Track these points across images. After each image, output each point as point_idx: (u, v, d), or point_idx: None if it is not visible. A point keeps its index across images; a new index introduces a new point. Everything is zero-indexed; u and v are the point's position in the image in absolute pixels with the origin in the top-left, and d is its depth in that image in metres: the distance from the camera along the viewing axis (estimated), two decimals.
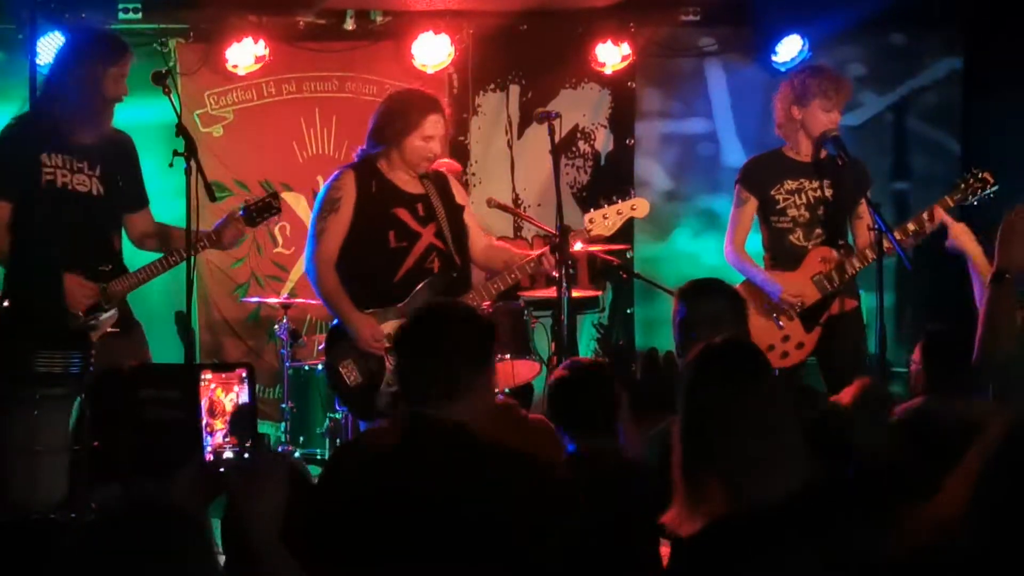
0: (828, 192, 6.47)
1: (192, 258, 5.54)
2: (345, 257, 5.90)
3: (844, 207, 6.47)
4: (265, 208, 6.18)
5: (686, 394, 3.02)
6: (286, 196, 6.38)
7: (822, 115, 6.41)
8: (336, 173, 6.04)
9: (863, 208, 6.35)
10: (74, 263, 5.82)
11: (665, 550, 3.92)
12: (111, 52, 5.85)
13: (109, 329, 5.90)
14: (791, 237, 6.49)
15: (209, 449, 3.48)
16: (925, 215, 6.31)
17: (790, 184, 6.49)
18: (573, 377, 4.43)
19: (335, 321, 6.00)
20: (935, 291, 8.45)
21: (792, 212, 6.48)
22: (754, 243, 6.68)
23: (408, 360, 3.51)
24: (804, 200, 6.48)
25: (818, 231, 6.48)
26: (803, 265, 6.45)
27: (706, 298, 4.51)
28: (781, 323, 6.41)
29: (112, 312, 5.90)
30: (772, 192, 6.49)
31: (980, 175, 6.39)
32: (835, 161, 6.36)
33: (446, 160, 7.80)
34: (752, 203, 6.54)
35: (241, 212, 6.15)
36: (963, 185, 6.39)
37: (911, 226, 6.30)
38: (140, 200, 6.15)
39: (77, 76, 5.83)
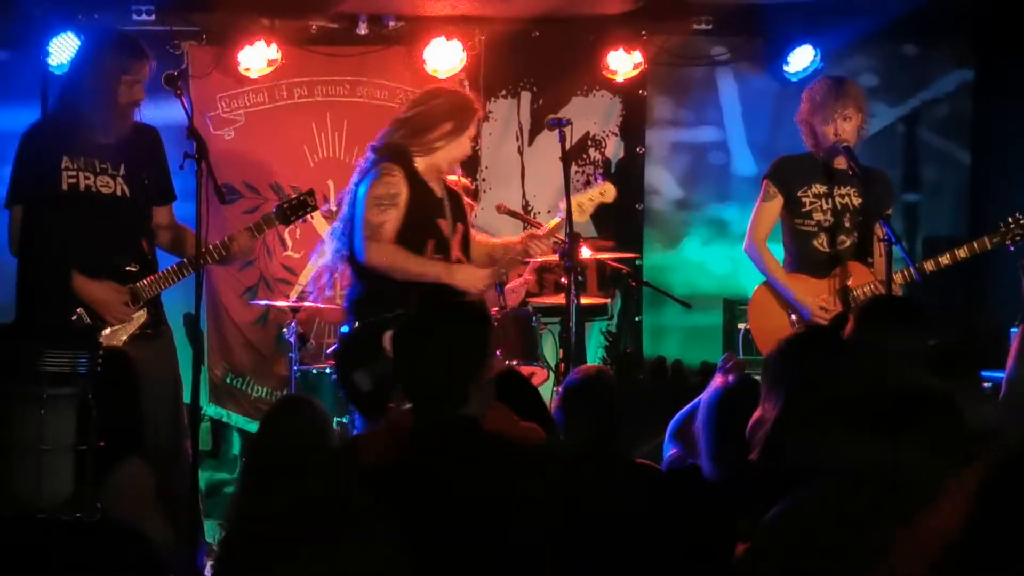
0: (856, 200, 6.47)
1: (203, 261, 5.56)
2: None
3: (869, 218, 6.46)
4: (300, 206, 6.23)
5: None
6: None
7: (826, 128, 6.42)
8: (381, 163, 5.94)
9: (877, 224, 6.38)
10: (100, 265, 5.83)
11: None
12: (125, 58, 5.85)
13: (137, 331, 5.93)
14: (815, 242, 6.48)
15: None
16: (960, 251, 6.37)
17: (818, 188, 6.49)
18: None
19: (344, 328, 5.99)
20: (943, 305, 8.43)
21: (818, 216, 6.47)
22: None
23: (411, 365, 3.51)
24: (831, 205, 6.47)
25: (842, 238, 6.47)
26: (833, 274, 6.44)
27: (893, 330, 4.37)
28: (796, 326, 6.41)
29: (140, 313, 5.92)
30: (799, 193, 6.49)
31: (1022, 220, 6.40)
32: (853, 168, 6.38)
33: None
34: (778, 200, 6.53)
35: (274, 211, 6.19)
36: (1003, 228, 6.41)
37: (944, 260, 6.36)
38: (165, 195, 6.15)
39: (91, 82, 5.83)
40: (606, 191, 6.22)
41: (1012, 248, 6.43)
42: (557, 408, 4.51)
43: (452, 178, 6.70)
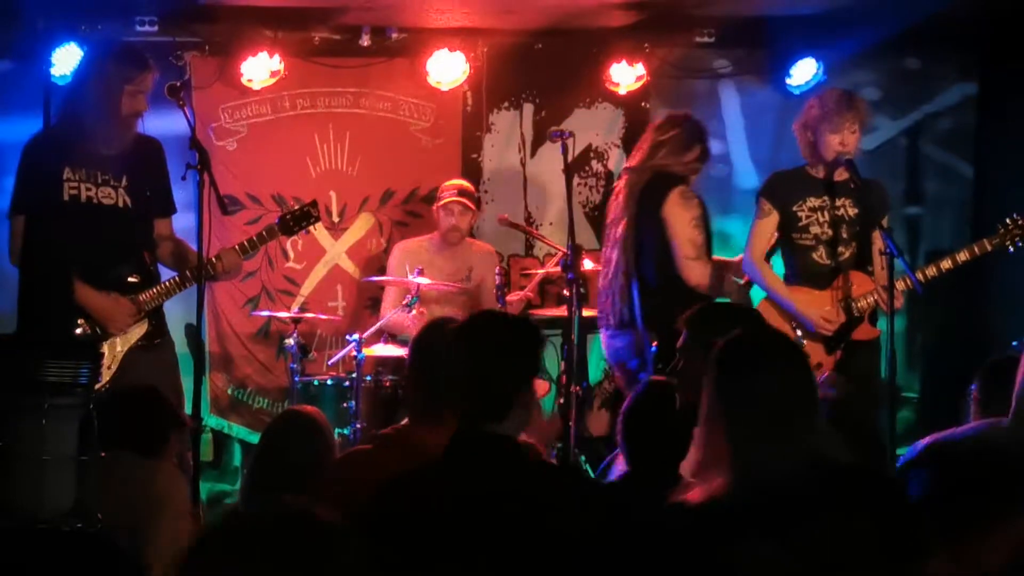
0: (851, 212, 6.48)
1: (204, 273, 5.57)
2: None
3: (866, 228, 6.46)
4: (303, 217, 6.27)
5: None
6: None
7: (832, 138, 6.42)
8: (677, 186, 6.63)
9: (876, 234, 6.38)
10: (101, 276, 5.84)
11: None
12: (127, 69, 5.86)
13: (137, 342, 5.93)
14: (814, 255, 6.49)
15: None
16: (960, 255, 6.37)
17: (813, 201, 6.50)
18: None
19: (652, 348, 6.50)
20: (946, 317, 8.43)
21: (815, 230, 6.47)
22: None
23: (462, 373, 3.51)
24: (827, 218, 6.47)
25: (841, 249, 6.47)
26: (835, 285, 6.44)
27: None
28: (802, 339, 6.39)
29: (141, 324, 5.92)
30: (794, 208, 6.49)
31: (1020, 222, 6.40)
32: (856, 182, 6.37)
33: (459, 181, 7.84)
34: (774, 216, 6.53)
35: (277, 222, 6.21)
36: (1003, 230, 6.41)
37: (945, 264, 6.37)
38: (165, 208, 6.16)
39: (93, 92, 5.85)
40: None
41: (1012, 251, 6.43)
42: (619, 434, 4.30)
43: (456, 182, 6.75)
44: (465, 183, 7.92)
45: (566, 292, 6.65)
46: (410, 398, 4.20)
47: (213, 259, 5.97)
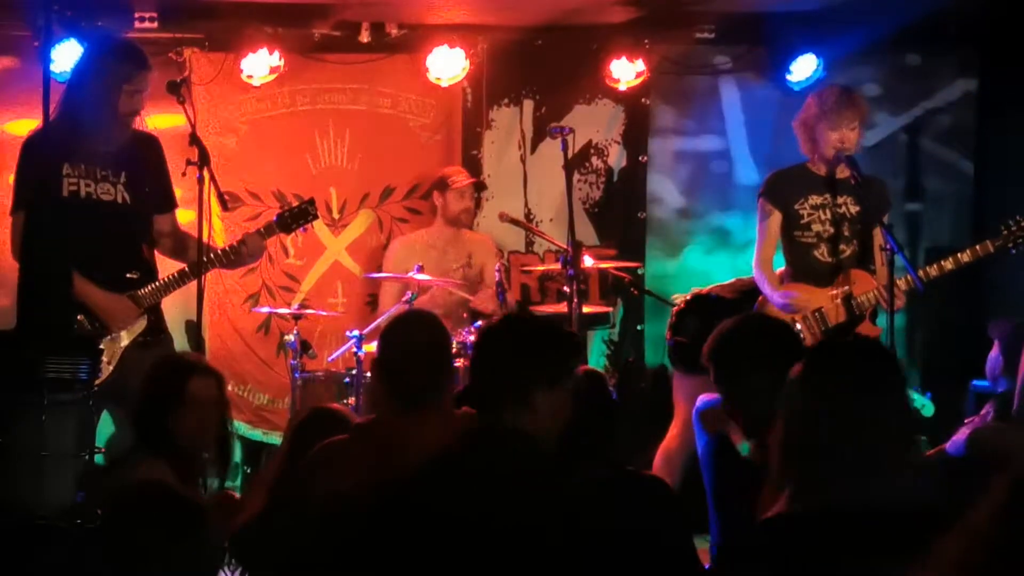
0: (853, 209, 6.46)
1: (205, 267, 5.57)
2: None
3: (867, 226, 6.46)
4: (301, 214, 6.28)
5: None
6: None
7: (831, 135, 6.41)
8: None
9: (877, 230, 6.37)
10: (100, 272, 5.84)
11: None
12: (125, 68, 5.87)
13: (136, 338, 5.93)
14: (816, 252, 6.47)
15: None
16: (963, 256, 6.36)
17: (815, 199, 6.48)
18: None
19: None
20: (946, 314, 8.43)
21: (817, 227, 6.46)
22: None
23: (481, 367, 3.57)
24: (829, 216, 6.46)
25: (842, 247, 6.46)
26: (836, 283, 6.43)
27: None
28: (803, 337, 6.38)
29: (140, 321, 5.93)
30: (796, 206, 6.47)
31: (1023, 223, 6.40)
32: (857, 178, 6.36)
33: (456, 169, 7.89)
34: (776, 216, 6.51)
35: (275, 219, 6.22)
36: (1006, 231, 6.40)
37: (948, 264, 6.36)
38: (166, 203, 6.16)
39: (93, 90, 5.85)
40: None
41: (1014, 251, 6.43)
42: None
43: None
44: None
45: (566, 288, 6.66)
46: (382, 390, 4.18)
47: (237, 243, 6.01)
